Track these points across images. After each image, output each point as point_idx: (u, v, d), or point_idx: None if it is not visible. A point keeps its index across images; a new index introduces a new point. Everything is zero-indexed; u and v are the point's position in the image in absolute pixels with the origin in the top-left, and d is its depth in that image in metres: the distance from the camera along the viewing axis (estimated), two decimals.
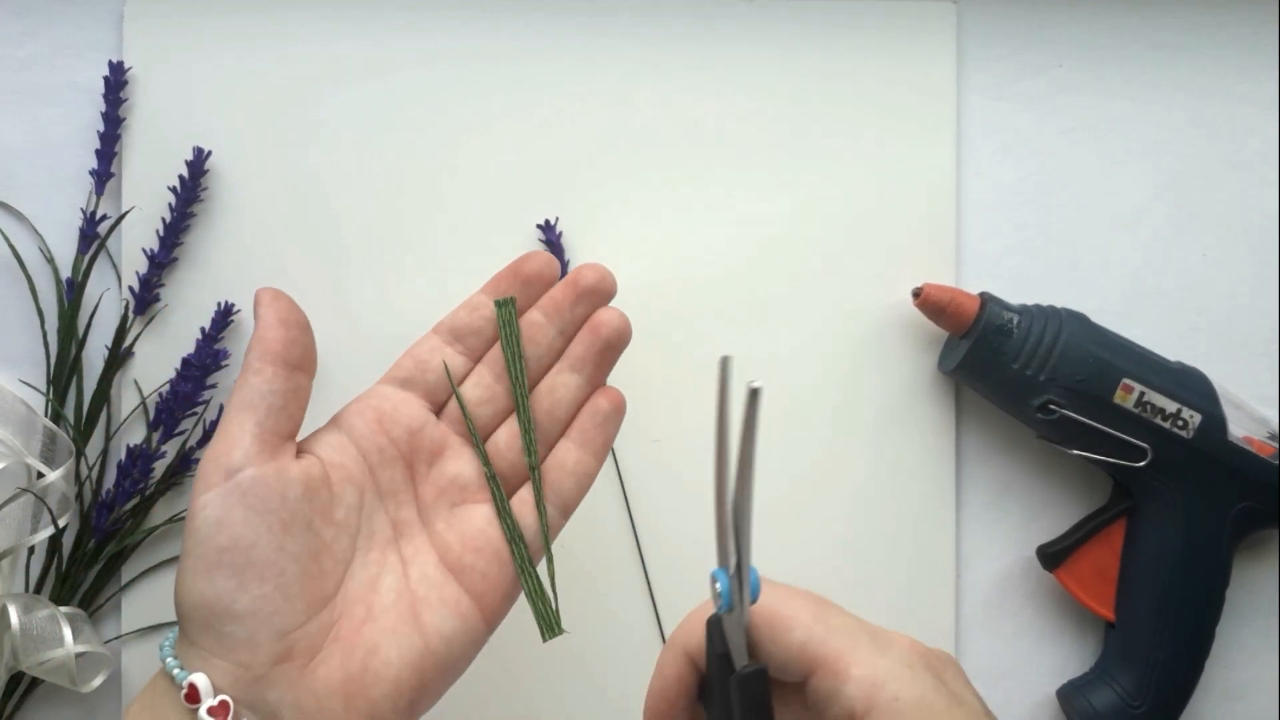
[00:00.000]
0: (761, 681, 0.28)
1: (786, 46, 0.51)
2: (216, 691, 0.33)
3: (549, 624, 0.37)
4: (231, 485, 0.34)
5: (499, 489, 0.38)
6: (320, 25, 0.50)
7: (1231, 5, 0.53)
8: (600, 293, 0.40)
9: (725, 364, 0.26)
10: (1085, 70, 0.52)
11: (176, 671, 0.33)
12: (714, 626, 0.29)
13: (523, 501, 0.39)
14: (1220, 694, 0.52)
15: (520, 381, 0.39)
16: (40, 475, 0.45)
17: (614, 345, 0.40)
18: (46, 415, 0.48)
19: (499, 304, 0.40)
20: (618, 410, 0.40)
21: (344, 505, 0.36)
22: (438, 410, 0.40)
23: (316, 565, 0.35)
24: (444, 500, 0.38)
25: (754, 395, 0.26)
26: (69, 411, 0.48)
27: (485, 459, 0.39)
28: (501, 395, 0.40)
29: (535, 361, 0.40)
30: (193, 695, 0.33)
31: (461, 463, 0.39)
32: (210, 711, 0.33)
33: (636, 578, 0.50)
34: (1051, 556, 0.50)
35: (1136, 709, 0.48)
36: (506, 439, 0.39)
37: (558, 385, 0.40)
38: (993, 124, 0.52)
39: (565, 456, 0.39)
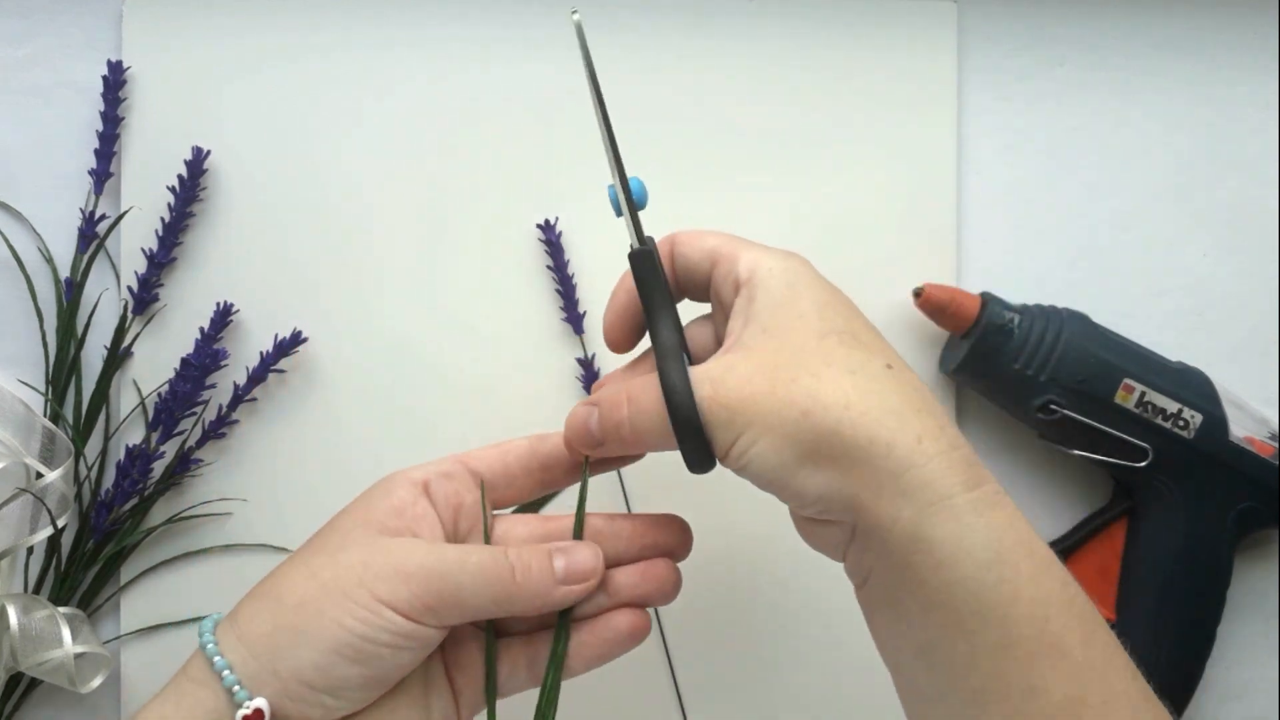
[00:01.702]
0: (650, 257, 0.37)
1: (787, 46, 0.51)
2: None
3: None
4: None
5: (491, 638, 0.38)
6: (319, 25, 0.50)
7: (1231, 5, 0.53)
8: (678, 552, 0.40)
9: (579, 27, 0.35)
10: (1086, 70, 0.52)
11: (237, 690, 0.34)
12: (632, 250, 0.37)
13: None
14: (1220, 694, 0.52)
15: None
16: (39, 475, 0.45)
17: (657, 598, 0.39)
18: (45, 415, 0.48)
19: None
20: (635, 637, 0.39)
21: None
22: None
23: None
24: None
25: (578, 27, 0.35)
26: (68, 411, 0.48)
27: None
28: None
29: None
30: (256, 718, 0.34)
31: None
32: None
33: None
34: None
35: None
36: None
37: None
38: (994, 124, 0.52)
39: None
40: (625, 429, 0.36)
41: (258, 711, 0.33)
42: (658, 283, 0.37)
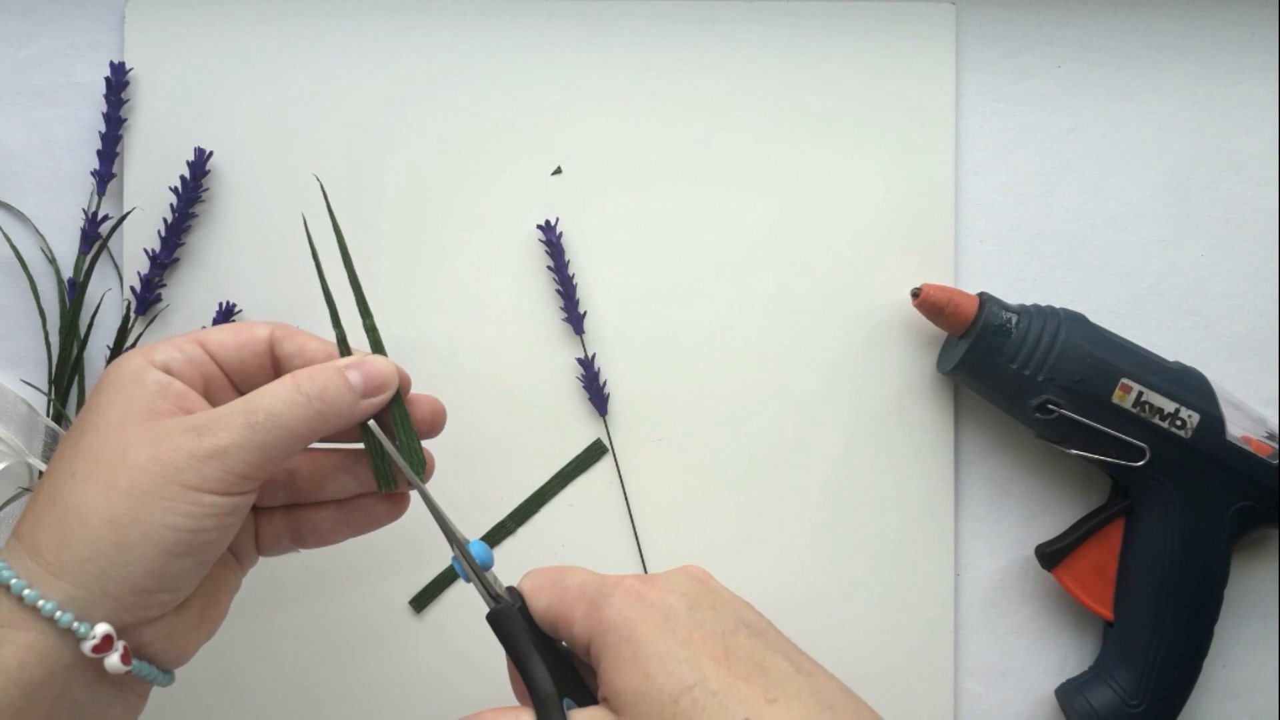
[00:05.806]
0: (507, 616, 0.36)
1: (786, 47, 0.51)
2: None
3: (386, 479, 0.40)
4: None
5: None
6: (321, 27, 0.50)
7: (1231, 5, 0.53)
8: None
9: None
10: (1084, 71, 0.52)
11: (77, 625, 0.33)
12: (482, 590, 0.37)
13: None
14: (1219, 693, 0.52)
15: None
16: (42, 475, 0.45)
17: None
18: (48, 415, 0.48)
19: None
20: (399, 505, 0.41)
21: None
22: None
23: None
24: None
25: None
26: (71, 411, 0.48)
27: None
28: None
29: None
30: (106, 644, 0.33)
31: None
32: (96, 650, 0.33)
33: None
34: (1050, 556, 0.50)
35: (1135, 708, 0.48)
36: None
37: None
38: (991, 124, 0.52)
39: (321, 523, 0.41)
40: None
41: (107, 638, 0.33)
42: (520, 637, 0.36)
